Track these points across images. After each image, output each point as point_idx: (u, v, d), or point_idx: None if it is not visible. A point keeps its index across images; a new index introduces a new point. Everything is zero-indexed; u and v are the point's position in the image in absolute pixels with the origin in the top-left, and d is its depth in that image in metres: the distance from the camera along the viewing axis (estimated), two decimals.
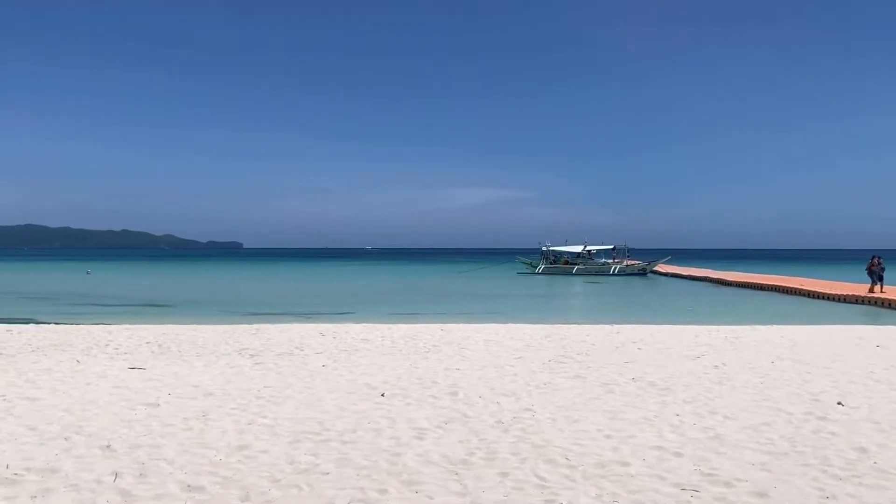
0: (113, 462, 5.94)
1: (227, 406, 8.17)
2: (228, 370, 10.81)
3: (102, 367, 10.94)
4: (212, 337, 15.19)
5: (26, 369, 10.72)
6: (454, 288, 44.27)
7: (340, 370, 10.86)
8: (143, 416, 7.65)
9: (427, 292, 40.10)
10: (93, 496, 5.12)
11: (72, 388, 9.18)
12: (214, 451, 6.30)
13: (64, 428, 7.06)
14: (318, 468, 5.86)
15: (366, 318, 21.90)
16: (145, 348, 13.33)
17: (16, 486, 5.31)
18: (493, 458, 6.21)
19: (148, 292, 38.96)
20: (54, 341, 14.35)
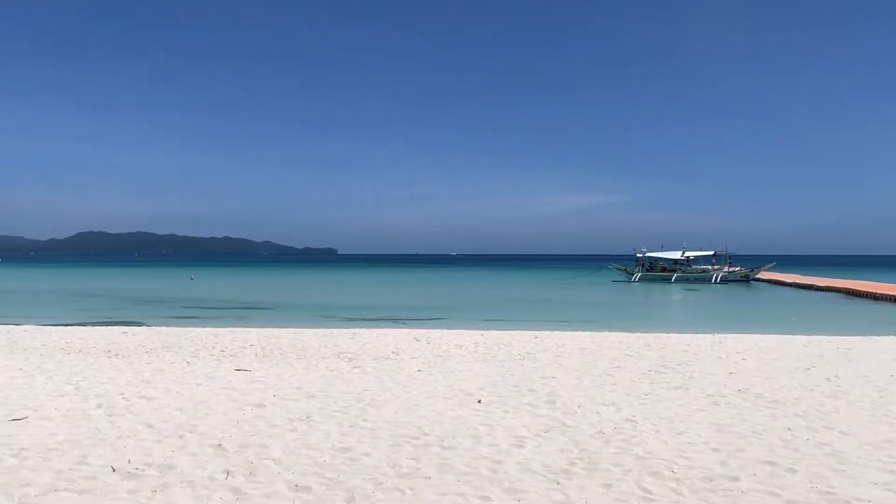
0: (224, 460, 6.17)
1: (330, 408, 8.36)
2: (328, 373, 11.07)
3: (210, 369, 11.42)
4: (311, 340, 15.62)
5: (141, 369, 11.32)
6: (546, 295, 43.88)
7: (436, 375, 10.93)
8: (250, 416, 7.93)
9: (519, 299, 39.92)
10: (207, 493, 5.33)
11: (183, 388, 9.62)
12: (319, 452, 6.46)
13: (178, 426, 7.40)
14: (420, 472, 5.90)
15: (458, 324, 21.99)
16: (249, 351, 13.83)
17: (137, 480, 5.60)
18: (594, 468, 6.09)
19: (249, 296, 40.48)
20: (165, 343, 15.09)
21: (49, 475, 5.67)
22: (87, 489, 5.36)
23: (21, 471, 5.78)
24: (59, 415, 7.88)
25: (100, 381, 10.17)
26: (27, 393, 9.17)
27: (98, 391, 9.33)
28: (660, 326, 21.48)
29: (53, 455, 6.25)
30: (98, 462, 6.05)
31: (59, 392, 9.25)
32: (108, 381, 10.19)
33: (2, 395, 9.00)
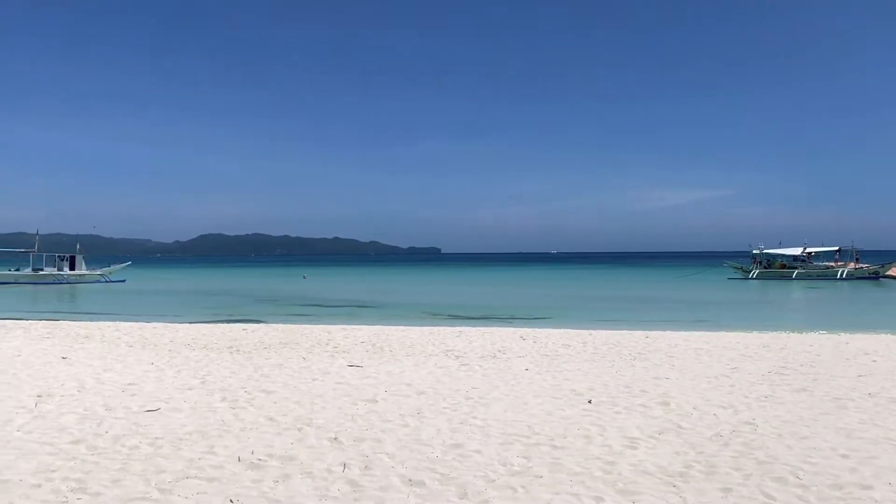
0: (340, 453, 6.38)
1: (439, 405, 8.47)
2: (437, 370, 11.22)
3: (325, 365, 11.82)
4: (419, 338, 15.87)
5: (261, 364, 11.85)
6: (654, 294, 42.69)
7: (544, 375, 10.86)
8: (363, 411, 8.15)
9: (625, 298, 39.04)
10: (325, 484, 5.53)
11: (300, 383, 10.00)
12: (431, 448, 6.56)
13: (296, 419, 7.71)
14: (531, 471, 5.89)
15: (564, 323, 21.75)
16: (360, 347, 14.21)
17: (261, 470, 5.88)
18: (713, 472, 5.89)
19: (358, 295, 41.59)
20: (282, 340, 15.73)
21: (181, 463, 6.04)
22: (215, 477, 5.67)
23: (156, 458, 6.18)
24: (187, 407, 8.38)
25: (223, 375, 10.73)
26: (158, 386, 9.80)
27: (222, 385, 9.85)
28: (779, 326, 20.46)
29: (184, 444, 6.65)
30: (224, 452, 6.39)
31: (187, 385, 9.83)
32: (231, 375, 10.73)
33: (136, 387, 9.66)
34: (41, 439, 6.80)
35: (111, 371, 11.06)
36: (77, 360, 12.32)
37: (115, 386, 9.74)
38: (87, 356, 12.79)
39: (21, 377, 10.40)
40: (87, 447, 6.53)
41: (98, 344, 14.82)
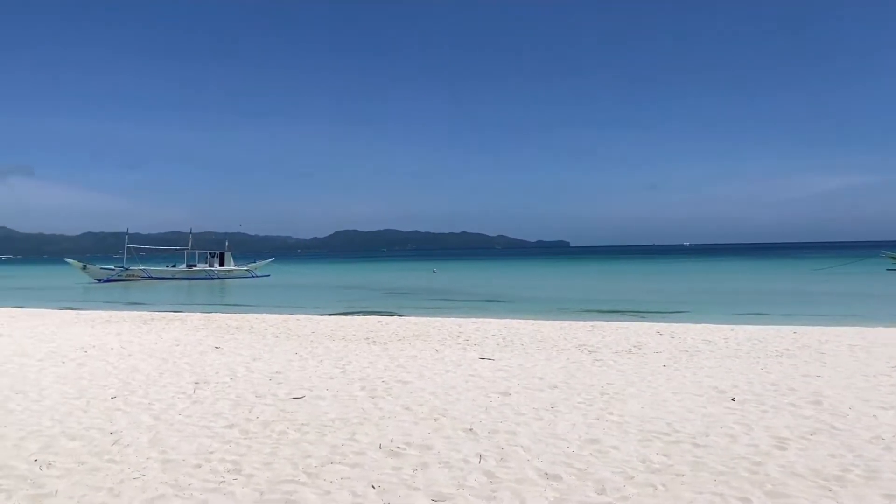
0: (476, 444, 6.45)
1: (574, 400, 8.38)
2: (570, 365, 11.10)
3: (457, 357, 11.99)
4: (550, 332, 15.75)
5: (396, 356, 12.18)
6: (799, 287, 40.08)
7: (683, 371, 10.48)
8: (497, 403, 8.20)
9: (767, 291, 36.91)
10: (462, 474, 5.61)
11: (434, 375, 10.20)
12: (566, 442, 6.50)
13: (432, 410, 7.87)
14: (672, 469, 5.71)
15: (703, 317, 20.88)
16: (491, 341, 14.29)
17: (400, 458, 6.05)
18: (874, 477, 5.47)
19: (487, 289, 41.82)
20: (415, 332, 16.10)
21: (325, 449, 6.33)
22: (357, 463, 5.89)
23: (303, 444, 6.51)
24: (329, 395, 8.76)
25: (361, 365, 11.13)
26: (302, 374, 10.30)
27: (361, 375, 10.21)
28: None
29: (328, 431, 6.96)
30: (365, 439, 6.63)
31: (328, 374, 10.27)
32: (369, 365, 11.11)
33: (282, 376, 10.20)
34: (199, 423, 7.33)
35: (259, 360, 11.74)
36: (229, 349, 13.17)
37: (263, 374, 10.33)
38: (237, 346, 13.66)
39: (180, 365, 11.25)
40: (240, 431, 6.98)
41: (247, 335, 15.78)
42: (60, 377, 10.11)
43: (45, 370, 10.73)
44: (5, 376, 10.20)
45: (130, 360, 11.85)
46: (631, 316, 22.66)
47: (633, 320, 20.19)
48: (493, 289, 41.88)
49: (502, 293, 37.37)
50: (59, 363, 11.43)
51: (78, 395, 8.78)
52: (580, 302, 30.07)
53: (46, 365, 11.25)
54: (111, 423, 7.34)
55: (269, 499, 5.10)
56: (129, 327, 17.70)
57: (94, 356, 12.27)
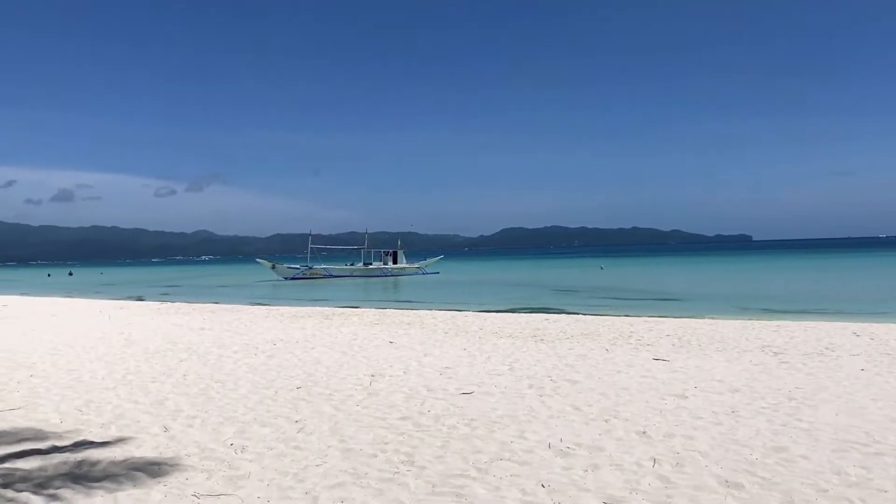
0: (649, 448, 6.21)
1: (757, 404, 7.84)
2: (752, 367, 10.41)
3: (629, 357, 11.63)
4: (730, 332, 14.88)
5: (564, 354, 12.04)
6: None
7: (885, 376, 9.49)
8: (672, 406, 7.85)
9: None
10: (635, 477, 5.42)
11: (604, 375, 9.96)
12: (749, 449, 6.09)
13: (602, 411, 7.68)
14: (872, 483, 5.17)
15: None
16: (665, 340, 13.74)
17: (570, 458, 5.96)
18: None
19: (660, 286, 40.27)
20: (584, 330, 15.83)
21: (494, 445, 6.37)
22: (526, 461, 5.87)
23: (473, 439, 6.59)
24: (498, 391, 8.82)
25: (529, 363, 11.11)
26: (471, 370, 10.46)
27: (529, 373, 10.20)
28: None
29: (497, 427, 7.00)
30: (534, 437, 6.59)
31: (496, 371, 10.35)
32: (536, 363, 11.06)
33: (452, 371, 10.42)
34: (375, 414, 7.65)
35: (430, 355, 12.07)
36: (402, 344, 13.66)
37: (434, 369, 10.61)
38: (409, 341, 14.13)
39: (358, 358, 11.82)
40: (413, 424, 7.20)
41: (419, 330, 16.29)
42: (253, 368, 10.98)
43: (240, 361, 11.70)
44: (207, 366, 11.22)
45: (314, 352, 12.63)
46: (821, 315, 20.85)
47: (823, 320, 18.58)
48: (666, 286, 40.27)
49: (677, 291, 35.82)
50: (252, 355, 12.41)
51: (267, 385, 9.48)
52: (763, 300, 28.17)
53: (241, 356, 12.25)
54: (296, 411, 7.85)
55: (440, 491, 5.21)
56: (313, 322, 18.87)
57: (281, 349, 13.20)
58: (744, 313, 21.83)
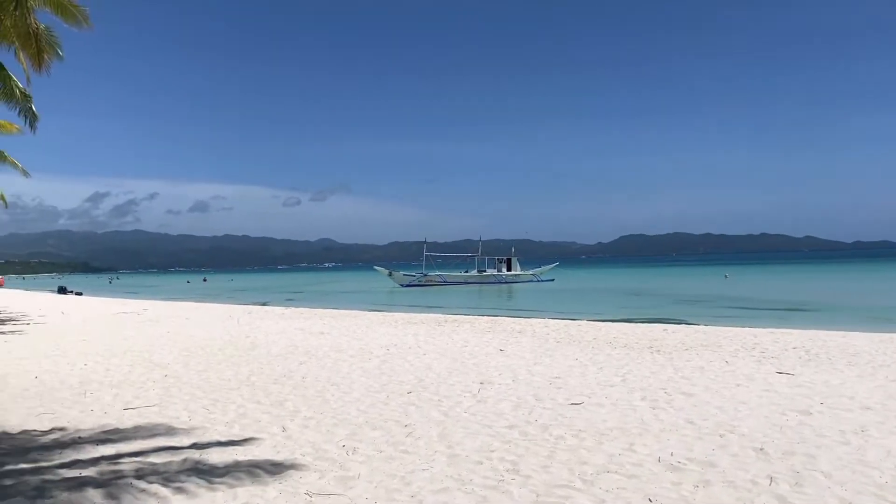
0: (766, 465, 5.92)
1: (891, 424, 7.30)
2: (888, 384, 9.68)
3: (750, 370, 11.11)
4: (865, 345, 13.90)
5: (681, 366, 11.65)
6: None
7: None
8: (794, 422, 7.44)
9: None
10: (750, 496, 5.18)
11: (722, 388, 9.57)
12: (878, 471, 5.68)
13: (717, 425, 7.39)
14: None
15: None
16: (792, 353, 13.01)
17: (680, 472, 5.77)
18: None
19: (789, 296, 38.12)
20: (703, 341, 15.25)
21: (602, 457, 6.27)
22: (634, 475, 5.74)
23: (580, 450, 6.51)
24: (608, 403, 8.66)
25: (643, 374, 10.83)
26: (582, 381, 10.31)
27: (642, 384, 9.94)
28: None
29: (605, 439, 6.88)
30: (643, 451, 6.43)
31: (608, 382, 10.16)
32: (651, 375, 10.77)
33: (562, 381, 10.32)
34: (482, 421, 7.70)
35: (540, 364, 12.00)
36: (512, 352, 13.66)
37: (544, 378, 10.54)
38: (519, 349, 14.11)
39: (468, 365, 11.93)
40: (520, 433, 7.19)
41: (529, 339, 16.23)
42: (366, 372, 11.32)
43: (355, 365, 12.08)
44: (324, 370, 11.67)
45: (425, 358, 12.85)
46: None
47: None
48: (795, 296, 38.06)
49: (807, 301, 33.79)
50: (366, 359, 12.79)
51: (380, 389, 9.74)
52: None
53: (356, 361, 12.66)
54: (406, 416, 8.03)
55: (544, 501, 5.19)
56: (426, 328, 19.21)
57: (394, 354, 13.53)
58: (883, 325, 20.31)
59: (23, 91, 29.82)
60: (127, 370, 11.92)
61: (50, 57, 24.33)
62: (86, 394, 9.66)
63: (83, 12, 24.40)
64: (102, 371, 11.81)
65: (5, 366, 12.56)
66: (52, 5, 24.02)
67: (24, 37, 22.83)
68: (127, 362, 12.92)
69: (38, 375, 11.31)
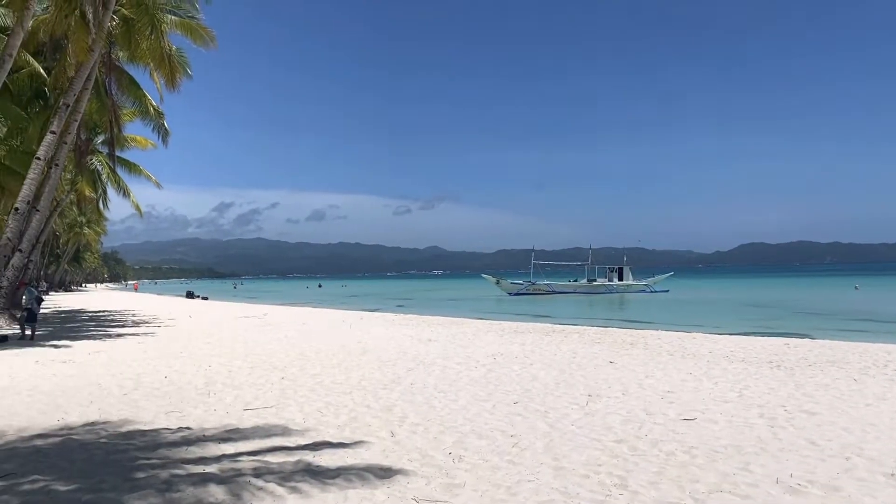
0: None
1: None
2: None
3: (881, 389, 10.38)
4: None
5: (803, 383, 11.04)
6: None
7: None
8: None
9: None
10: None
11: (849, 407, 8.99)
12: None
13: (843, 447, 6.95)
14: None
15: None
16: None
17: (800, 496, 5.47)
18: None
19: None
20: (829, 357, 14.38)
21: (714, 475, 6.03)
22: (748, 496, 5.50)
23: (691, 467, 6.30)
24: (723, 419, 8.32)
25: (761, 390, 10.34)
26: (695, 396, 9.96)
27: (760, 401, 9.50)
28: None
29: (719, 457, 6.63)
30: (760, 471, 6.15)
31: (723, 398, 9.77)
32: (770, 391, 10.26)
33: (674, 395, 10.00)
34: (590, 435, 7.59)
35: (652, 378, 11.69)
36: (622, 365, 13.37)
37: (655, 392, 10.26)
38: (630, 362, 13.79)
39: (575, 377, 11.78)
40: (629, 447, 7.04)
41: (641, 351, 15.83)
42: (473, 380, 11.39)
43: (462, 373, 12.19)
44: (432, 376, 11.84)
45: (531, 368, 12.79)
46: None
47: None
48: None
49: None
50: (473, 368, 12.88)
51: (486, 398, 9.78)
52: None
53: (463, 369, 12.76)
54: (512, 426, 8.03)
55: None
56: (532, 338, 19.11)
57: (500, 363, 13.54)
58: None
59: (156, 108, 32.15)
60: (247, 372, 12.54)
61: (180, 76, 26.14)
62: (210, 394, 10.24)
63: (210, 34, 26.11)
64: (225, 372, 12.48)
65: (139, 365, 13.50)
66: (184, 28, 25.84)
67: (159, 59, 24.68)
68: (248, 364, 13.60)
69: (167, 375, 12.09)
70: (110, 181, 42.34)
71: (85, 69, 22.39)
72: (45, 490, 5.56)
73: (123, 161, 39.82)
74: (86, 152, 34.10)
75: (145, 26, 23.30)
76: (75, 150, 29.82)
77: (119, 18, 24.34)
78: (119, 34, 24.86)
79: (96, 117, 30.98)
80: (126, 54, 26.79)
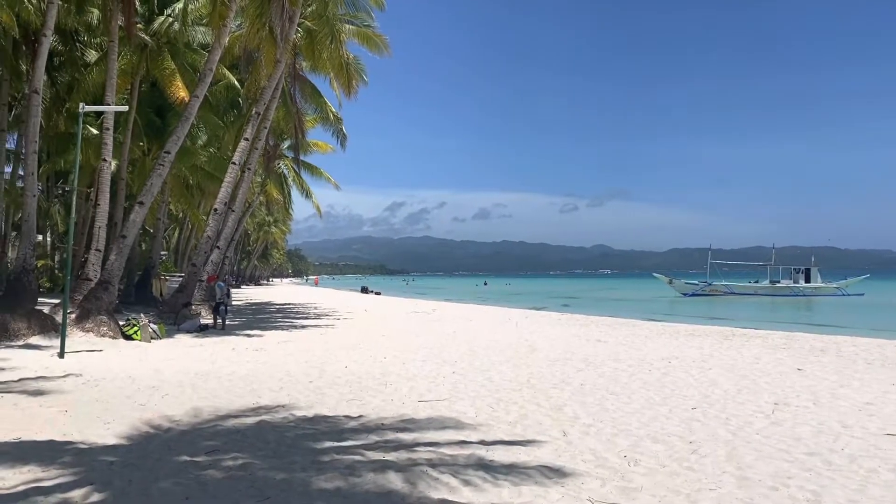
0: None
1: None
2: None
3: None
4: None
5: None
6: None
7: None
8: None
9: None
10: None
11: None
12: None
13: None
14: None
15: None
16: None
17: None
18: None
19: None
20: None
21: None
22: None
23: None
24: None
25: None
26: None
27: None
28: None
29: None
30: None
31: None
32: None
33: (874, 408, 9.11)
34: (777, 445, 7.09)
35: (847, 387, 10.74)
36: (811, 372, 12.39)
37: (851, 403, 9.41)
38: (821, 370, 12.75)
39: (759, 384, 11.07)
40: (822, 461, 6.50)
41: (833, 358, 14.59)
42: (646, 384, 11.03)
43: (634, 376, 11.84)
44: (602, 378, 11.61)
45: (710, 373, 12.18)
46: None
47: None
48: None
49: None
50: (646, 371, 12.47)
51: (661, 402, 9.44)
52: None
53: (635, 371, 12.40)
54: (690, 432, 7.69)
55: None
56: (710, 342, 18.19)
57: (676, 367, 13.01)
58: None
59: (335, 115, 34.10)
60: (420, 365, 12.96)
61: (357, 83, 27.52)
62: (386, 385, 10.70)
63: (385, 42, 27.29)
64: (399, 364, 12.99)
65: (323, 354, 14.38)
66: (360, 37, 27.18)
67: (338, 67, 26.14)
68: (420, 357, 14.06)
69: (347, 365, 12.77)
70: (295, 183, 45.55)
71: (273, 79, 24.19)
72: (244, 466, 6.07)
73: (306, 164, 42.68)
74: (274, 157, 36.90)
75: (326, 36, 24.75)
76: (265, 155, 32.30)
77: (303, 30, 26.03)
78: (303, 45, 26.61)
79: (283, 124, 33.35)
80: (309, 64, 28.61)
